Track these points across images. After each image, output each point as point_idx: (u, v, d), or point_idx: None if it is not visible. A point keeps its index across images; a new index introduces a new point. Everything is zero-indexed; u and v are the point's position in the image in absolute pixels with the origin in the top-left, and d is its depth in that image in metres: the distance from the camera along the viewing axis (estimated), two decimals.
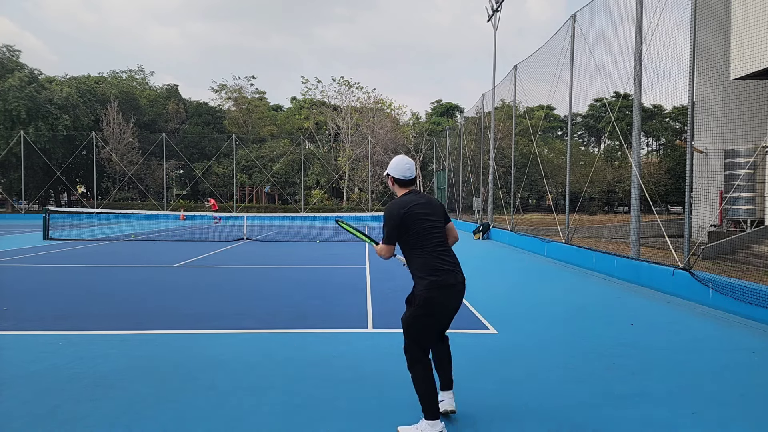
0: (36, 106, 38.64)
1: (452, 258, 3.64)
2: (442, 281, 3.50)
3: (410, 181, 3.76)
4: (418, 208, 3.58)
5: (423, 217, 3.58)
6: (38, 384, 4.35)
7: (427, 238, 3.57)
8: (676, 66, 9.41)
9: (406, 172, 3.73)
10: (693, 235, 9.33)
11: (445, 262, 3.56)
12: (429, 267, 3.54)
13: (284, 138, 48.11)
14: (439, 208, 3.73)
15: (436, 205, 3.72)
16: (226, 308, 7.35)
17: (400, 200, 3.65)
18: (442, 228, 3.66)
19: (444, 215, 3.75)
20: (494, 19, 22.98)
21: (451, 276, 3.55)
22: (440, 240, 3.61)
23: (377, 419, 3.73)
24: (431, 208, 3.64)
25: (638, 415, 3.81)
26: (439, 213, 3.70)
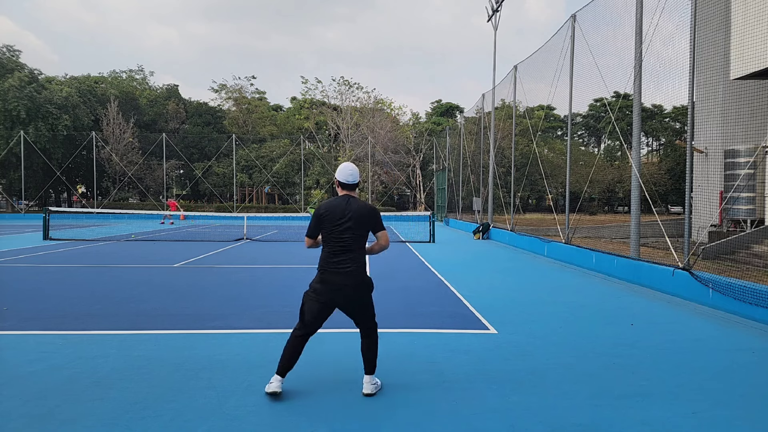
0: (36, 106, 38.64)
1: (347, 261, 4.03)
2: (326, 279, 4.06)
3: (350, 185, 4.18)
4: (338, 212, 4.04)
5: (338, 221, 4.02)
6: (38, 384, 4.34)
7: (331, 240, 4.06)
8: (676, 66, 9.41)
9: (348, 177, 4.16)
10: (693, 235, 9.34)
11: (338, 263, 4.04)
12: (323, 263, 4.11)
13: (284, 138, 48.12)
14: (364, 217, 4.07)
15: (362, 213, 4.07)
16: (226, 308, 7.35)
17: (329, 202, 4.13)
18: (354, 234, 4.03)
19: (367, 225, 4.10)
20: (494, 19, 22.99)
21: (337, 276, 4.02)
22: (342, 244, 4.03)
23: (377, 419, 3.73)
24: (353, 215, 4.03)
25: (638, 415, 3.81)
26: (361, 221, 4.06)
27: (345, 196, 4.14)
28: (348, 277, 4.00)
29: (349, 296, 4.05)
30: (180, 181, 50.63)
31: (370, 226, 4.12)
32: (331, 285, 4.02)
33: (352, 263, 4.03)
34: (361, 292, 4.08)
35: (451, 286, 9.38)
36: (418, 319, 6.78)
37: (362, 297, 4.11)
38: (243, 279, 10.05)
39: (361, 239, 4.09)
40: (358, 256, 4.07)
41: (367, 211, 4.10)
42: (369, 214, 4.10)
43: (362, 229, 4.07)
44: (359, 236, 4.06)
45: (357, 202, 4.11)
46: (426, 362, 5.00)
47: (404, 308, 7.41)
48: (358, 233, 4.04)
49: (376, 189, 45.21)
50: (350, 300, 4.07)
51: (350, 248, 4.03)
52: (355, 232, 4.03)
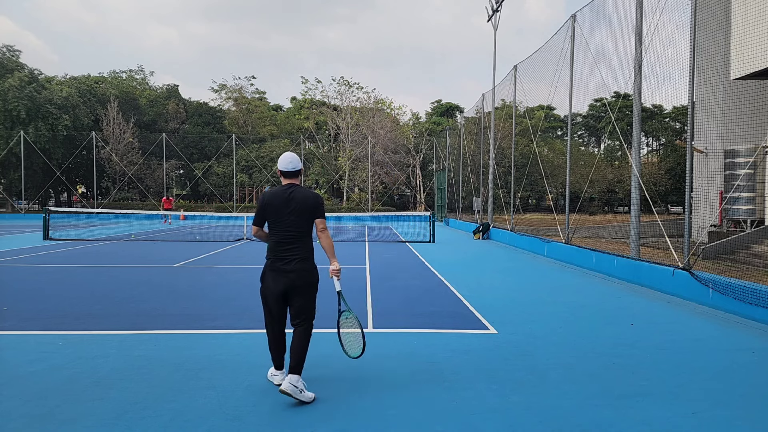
0: (36, 106, 38.63)
1: (294, 249, 4.09)
2: (274, 267, 4.10)
3: (290, 173, 4.21)
4: (281, 200, 4.09)
5: (282, 209, 4.09)
6: (38, 384, 4.34)
7: (277, 229, 4.10)
8: (676, 66, 9.41)
9: (288, 165, 4.20)
10: (693, 235, 9.33)
11: (285, 251, 4.09)
12: (270, 252, 4.15)
13: (284, 138, 48.12)
14: (308, 205, 4.12)
15: (305, 201, 4.12)
16: (226, 308, 7.35)
17: (273, 190, 4.18)
18: (298, 222, 4.10)
19: (311, 212, 4.15)
20: (494, 19, 22.99)
21: (283, 264, 4.07)
22: (289, 232, 4.09)
23: (377, 419, 3.73)
24: (296, 204, 4.09)
25: (638, 415, 3.81)
26: (304, 209, 4.11)
27: (288, 184, 4.18)
28: (294, 263, 4.06)
29: (294, 283, 4.07)
30: (180, 181, 50.62)
31: (314, 214, 4.17)
32: (279, 272, 4.07)
33: (299, 251, 4.10)
34: (305, 279, 4.10)
35: (451, 286, 9.38)
36: (418, 319, 6.78)
37: (306, 284, 4.11)
38: (243, 279, 10.05)
39: (307, 227, 4.15)
40: (305, 244, 4.14)
41: (311, 199, 4.15)
42: (312, 202, 4.15)
43: (306, 217, 4.13)
44: (304, 224, 4.12)
45: (301, 190, 4.16)
46: (426, 362, 5.00)
47: (404, 308, 7.41)
48: (303, 221, 4.11)
49: (376, 189, 45.21)
50: (295, 287, 4.07)
51: (296, 236, 4.09)
52: (299, 221, 4.09)
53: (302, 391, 3.95)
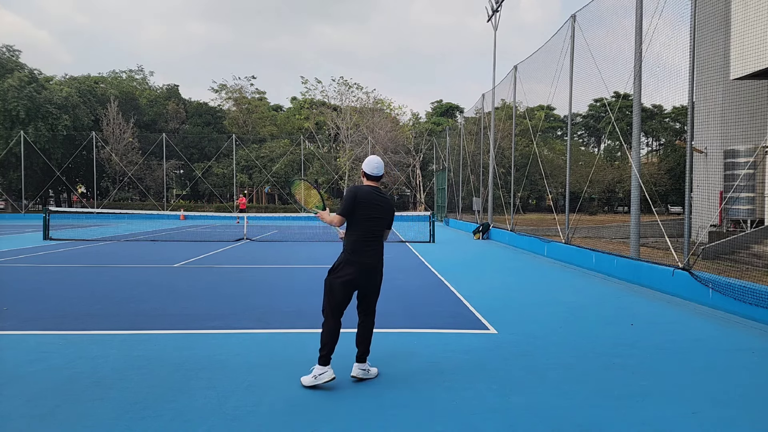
0: (36, 106, 38.62)
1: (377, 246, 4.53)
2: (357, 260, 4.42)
3: (376, 178, 4.55)
4: (372, 201, 4.41)
5: (373, 209, 4.42)
6: (38, 384, 4.34)
7: (364, 225, 4.42)
8: (675, 66, 9.41)
9: (374, 170, 4.53)
10: (693, 235, 9.34)
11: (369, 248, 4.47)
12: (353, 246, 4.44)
13: (284, 138, 48.12)
14: (391, 212, 4.59)
15: (390, 208, 4.57)
16: (226, 308, 7.35)
17: (362, 188, 4.45)
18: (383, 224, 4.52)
19: (391, 218, 4.60)
20: (494, 19, 22.99)
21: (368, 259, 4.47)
22: (374, 231, 4.48)
23: (377, 419, 3.73)
24: (386, 207, 4.51)
25: (638, 415, 3.81)
26: (389, 214, 4.57)
27: (375, 187, 4.52)
28: (376, 260, 4.51)
29: (372, 278, 4.51)
30: (180, 181, 50.62)
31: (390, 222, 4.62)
32: (360, 266, 4.40)
33: (380, 248, 4.55)
34: (380, 275, 4.60)
35: (451, 286, 9.37)
36: (418, 319, 6.79)
37: (380, 280, 4.61)
38: (243, 279, 10.05)
39: (385, 229, 4.60)
40: (381, 243, 4.59)
41: (392, 207, 4.61)
42: (392, 211, 4.63)
43: (389, 220, 4.58)
44: (386, 226, 4.56)
45: (385, 195, 4.56)
46: (426, 362, 5.00)
47: (404, 308, 7.41)
48: (386, 224, 4.54)
49: None
50: (372, 281, 4.51)
51: (378, 236, 4.52)
52: (384, 223, 4.51)
53: (369, 370, 4.49)
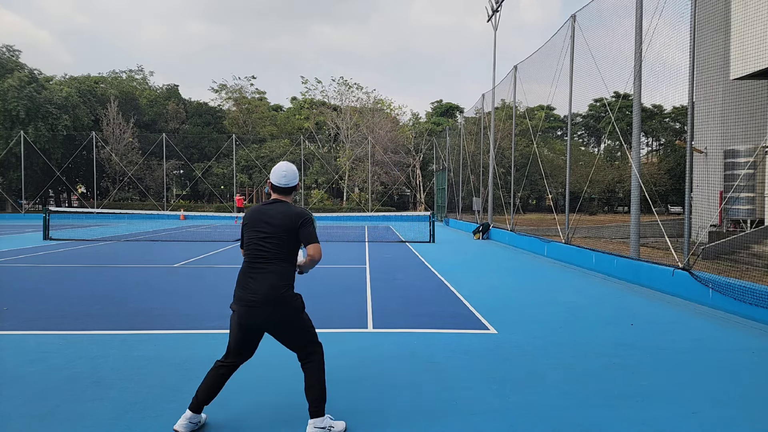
0: (36, 106, 38.62)
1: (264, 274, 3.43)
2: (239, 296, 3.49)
3: (281, 189, 3.59)
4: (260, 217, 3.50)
5: (259, 226, 3.49)
6: (38, 384, 4.34)
7: (250, 249, 3.52)
8: (675, 66, 9.41)
9: (281, 179, 3.58)
10: (693, 235, 9.34)
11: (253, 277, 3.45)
12: (239, 276, 3.57)
13: (284, 138, 48.12)
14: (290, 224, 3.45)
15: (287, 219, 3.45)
16: (226, 308, 7.30)
17: (256, 207, 3.63)
18: (274, 242, 3.44)
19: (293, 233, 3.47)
20: (494, 19, 22.99)
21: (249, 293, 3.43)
22: (260, 254, 3.46)
23: (377, 419, 3.73)
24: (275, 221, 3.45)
25: (638, 415, 3.81)
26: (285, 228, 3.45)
27: (274, 200, 3.59)
28: (262, 292, 3.39)
29: (266, 317, 3.43)
30: (180, 181, 50.61)
31: (299, 236, 3.48)
32: (245, 302, 3.42)
33: (270, 277, 3.42)
34: (280, 312, 3.43)
35: (451, 286, 9.38)
36: (418, 319, 6.79)
37: (283, 318, 3.46)
38: None
39: (284, 249, 3.46)
40: (278, 269, 3.45)
41: (294, 217, 3.46)
42: (295, 220, 3.45)
43: (286, 237, 3.45)
44: (282, 245, 3.45)
45: (285, 206, 3.52)
46: (426, 362, 5.00)
47: (404, 308, 7.41)
48: (281, 242, 3.44)
49: (376, 189, 45.21)
50: (269, 321, 3.45)
51: (268, 259, 3.44)
52: (276, 241, 3.44)
53: (331, 427, 3.50)
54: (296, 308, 3.51)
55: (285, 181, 3.58)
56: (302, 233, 3.46)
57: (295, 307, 3.50)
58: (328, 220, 32.56)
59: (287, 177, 3.58)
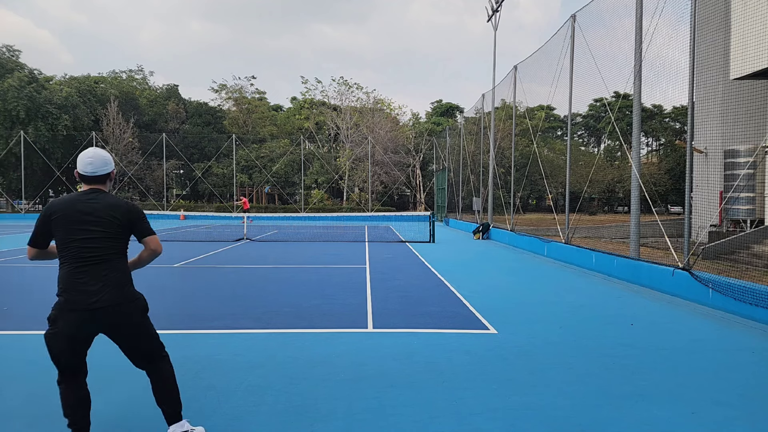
0: (35, 106, 38.63)
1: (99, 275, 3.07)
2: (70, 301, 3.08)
3: (91, 178, 3.17)
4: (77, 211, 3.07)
5: (79, 223, 3.06)
6: (39, 384, 4.34)
7: (71, 250, 3.10)
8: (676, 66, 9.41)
9: (87, 167, 3.15)
10: (693, 235, 9.34)
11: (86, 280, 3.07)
12: (62, 283, 3.15)
13: (284, 138, 48.12)
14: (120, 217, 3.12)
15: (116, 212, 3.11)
16: (226, 308, 7.35)
17: (63, 199, 3.15)
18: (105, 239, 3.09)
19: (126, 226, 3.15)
20: (494, 19, 22.99)
21: (85, 297, 3.04)
22: (91, 254, 3.07)
23: (377, 419, 3.73)
24: (102, 214, 3.08)
25: (638, 415, 3.81)
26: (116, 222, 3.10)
27: (89, 190, 3.16)
28: (105, 295, 3.05)
29: (111, 322, 3.11)
30: (180, 181, 50.62)
31: (131, 229, 3.19)
32: (80, 310, 3.04)
33: (107, 277, 3.08)
34: (124, 312, 3.12)
35: (451, 286, 9.38)
36: (418, 319, 6.78)
37: (128, 319, 3.15)
38: (243, 279, 10.05)
39: (117, 245, 3.15)
40: (115, 266, 3.13)
41: (125, 209, 3.16)
42: (127, 213, 3.15)
43: (118, 231, 3.13)
44: (115, 241, 3.13)
45: (107, 198, 3.15)
46: (426, 362, 5.00)
47: (404, 308, 7.41)
48: (113, 236, 3.11)
49: (376, 189, 45.22)
50: (113, 327, 3.14)
51: (102, 258, 3.09)
52: (107, 237, 3.09)
53: (193, 430, 3.32)
54: (144, 308, 3.24)
55: (92, 169, 3.15)
56: (138, 228, 3.20)
57: (143, 307, 3.23)
58: (328, 220, 32.56)
59: (94, 164, 3.16)
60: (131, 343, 3.24)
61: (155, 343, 3.32)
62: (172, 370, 3.36)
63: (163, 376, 3.30)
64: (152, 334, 3.31)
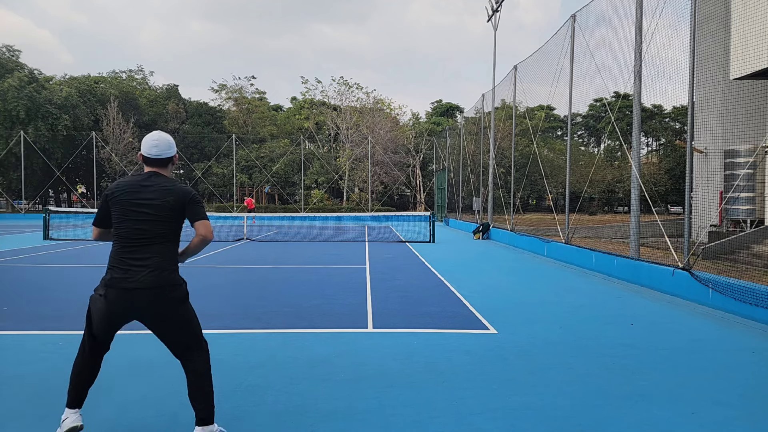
0: (35, 106, 38.61)
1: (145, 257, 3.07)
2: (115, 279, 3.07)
3: (155, 161, 3.21)
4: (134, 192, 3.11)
5: (134, 203, 3.09)
6: (39, 384, 4.34)
7: (123, 229, 3.10)
8: (675, 66, 9.42)
9: (152, 149, 3.19)
10: (693, 235, 9.34)
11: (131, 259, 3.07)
12: (112, 259, 3.15)
13: (284, 138, 48.11)
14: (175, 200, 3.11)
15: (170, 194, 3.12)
16: (226, 308, 7.35)
17: (124, 180, 3.22)
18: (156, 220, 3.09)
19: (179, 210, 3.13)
20: (494, 19, 22.99)
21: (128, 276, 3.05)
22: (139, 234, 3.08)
23: (377, 419, 3.73)
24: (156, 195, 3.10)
25: (638, 415, 3.81)
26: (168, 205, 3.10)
27: (148, 173, 3.20)
28: (144, 277, 3.04)
29: (147, 304, 3.08)
30: (180, 181, 50.57)
31: (184, 213, 3.16)
32: (120, 288, 3.05)
33: (152, 260, 3.07)
34: (164, 298, 3.09)
35: (451, 286, 9.38)
36: (418, 319, 6.78)
37: (168, 306, 3.12)
38: (243, 279, 10.05)
39: (167, 229, 3.13)
40: (162, 250, 3.11)
41: (179, 193, 3.13)
42: (181, 196, 3.13)
43: (169, 214, 3.11)
44: (164, 224, 3.11)
45: (165, 180, 3.18)
46: (426, 362, 4.99)
47: (404, 308, 7.41)
48: (163, 220, 3.10)
49: (376, 189, 45.21)
50: (148, 310, 3.11)
51: (150, 241, 3.09)
52: (157, 219, 3.09)
53: None
54: (183, 296, 3.19)
55: (157, 152, 3.19)
56: (190, 210, 3.15)
57: (182, 294, 3.18)
58: (328, 220, 32.55)
59: (159, 147, 3.19)
60: (163, 330, 3.20)
61: (191, 333, 3.24)
62: (207, 366, 3.26)
63: (195, 368, 3.20)
64: (188, 323, 3.23)
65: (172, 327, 3.19)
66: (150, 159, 3.20)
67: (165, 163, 3.25)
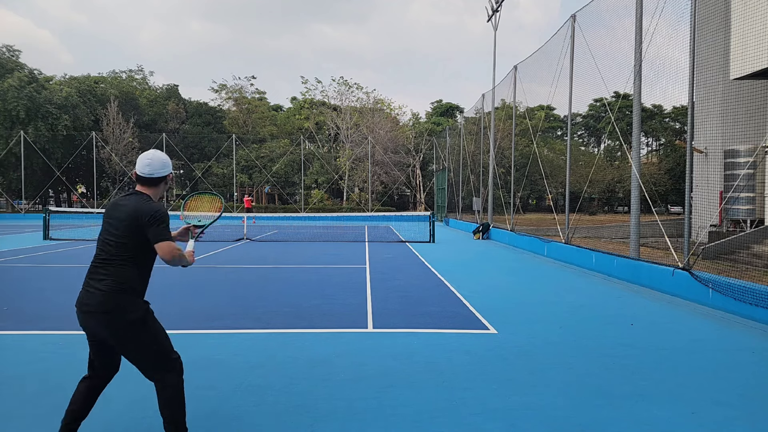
0: (35, 106, 38.59)
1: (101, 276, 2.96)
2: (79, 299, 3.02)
3: (145, 179, 3.14)
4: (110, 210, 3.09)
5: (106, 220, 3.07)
6: (38, 384, 4.34)
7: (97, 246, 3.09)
8: (675, 66, 9.42)
9: (144, 168, 3.12)
10: (693, 235, 9.34)
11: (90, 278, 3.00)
12: None
13: (284, 138, 48.11)
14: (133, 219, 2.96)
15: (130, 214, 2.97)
16: (226, 308, 7.35)
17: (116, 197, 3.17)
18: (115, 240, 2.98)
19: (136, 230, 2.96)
20: (494, 19, 22.99)
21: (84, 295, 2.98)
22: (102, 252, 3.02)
23: (377, 419, 3.73)
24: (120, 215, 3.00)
25: (638, 415, 3.81)
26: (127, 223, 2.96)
27: (130, 192, 3.15)
28: (97, 299, 2.91)
29: (102, 328, 2.95)
30: (180, 181, 50.60)
31: (144, 233, 2.96)
32: (81, 312, 2.98)
33: (106, 282, 2.93)
34: (115, 322, 2.92)
35: (452, 286, 9.37)
36: (418, 319, 6.78)
37: (120, 330, 2.94)
38: (243, 279, 10.05)
39: (124, 250, 2.97)
40: (118, 272, 2.95)
41: (139, 212, 2.96)
42: (139, 216, 2.95)
43: (126, 234, 2.96)
44: (122, 245, 2.97)
45: (140, 199, 3.05)
46: (426, 362, 4.99)
47: (404, 308, 7.41)
48: (121, 241, 2.96)
49: (376, 189, 45.21)
50: (105, 333, 2.96)
51: (108, 261, 2.97)
52: (117, 238, 2.97)
53: None
54: (131, 321, 2.96)
55: (149, 171, 3.11)
56: (149, 232, 2.96)
57: (132, 320, 2.96)
58: (328, 220, 32.54)
59: (152, 166, 3.12)
60: (123, 352, 3.05)
61: (151, 357, 3.06)
62: (174, 391, 3.08)
63: (160, 392, 3.07)
64: (145, 347, 3.03)
65: (129, 351, 3.03)
66: (141, 177, 3.12)
67: (156, 182, 3.16)
